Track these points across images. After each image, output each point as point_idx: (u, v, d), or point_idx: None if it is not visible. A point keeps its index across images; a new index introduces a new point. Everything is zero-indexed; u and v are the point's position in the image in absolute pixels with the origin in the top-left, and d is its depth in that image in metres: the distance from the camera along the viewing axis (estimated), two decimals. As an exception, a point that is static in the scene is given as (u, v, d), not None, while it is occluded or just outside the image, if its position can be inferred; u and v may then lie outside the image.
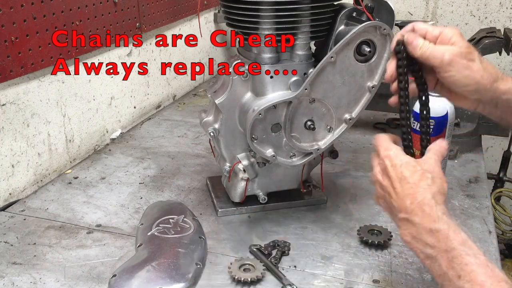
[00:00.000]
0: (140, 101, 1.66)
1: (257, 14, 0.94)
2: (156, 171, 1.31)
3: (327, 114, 0.99)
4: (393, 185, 0.71)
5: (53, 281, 0.89)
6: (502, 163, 1.88)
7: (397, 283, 0.90)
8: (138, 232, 1.01)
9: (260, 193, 1.09)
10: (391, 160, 0.72)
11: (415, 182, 0.70)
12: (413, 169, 0.71)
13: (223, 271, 0.92)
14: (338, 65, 0.94)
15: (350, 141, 1.49)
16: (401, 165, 0.71)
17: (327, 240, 1.03)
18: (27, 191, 1.22)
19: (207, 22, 2.07)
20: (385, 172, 0.72)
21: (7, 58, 1.09)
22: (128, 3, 1.48)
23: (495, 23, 2.14)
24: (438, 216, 0.67)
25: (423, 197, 0.69)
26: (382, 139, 0.76)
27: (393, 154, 0.72)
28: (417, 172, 0.71)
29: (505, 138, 1.99)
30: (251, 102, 0.99)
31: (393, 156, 0.72)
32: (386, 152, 0.73)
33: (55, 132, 1.29)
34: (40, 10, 1.16)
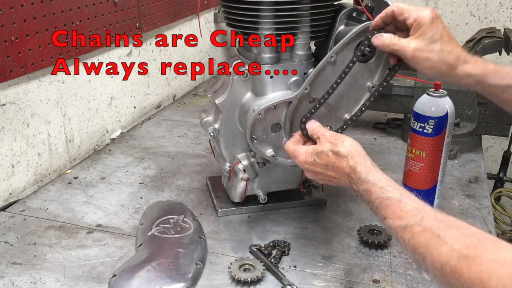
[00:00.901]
0: (140, 101, 1.66)
1: (257, 14, 0.94)
2: (156, 171, 1.31)
3: (327, 114, 0.99)
4: (327, 173, 0.85)
5: (53, 281, 0.89)
6: (502, 163, 1.88)
7: (397, 283, 0.90)
8: (138, 232, 1.01)
9: (260, 193, 1.09)
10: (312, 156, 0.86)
11: (336, 164, 0.83)
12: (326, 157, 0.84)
13: (223, 271, 0.92)
14: (338, 65, 0.94)
15: (350, 141, 1.49)
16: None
17: (327, 240, 1.03)
18: (27, 191, 1.22)
19: (207, 22, 2.07)
20: (314, 164, 0.86)
21: (7, 58, 1.09)
22: (128, 3, 1.48)
23: (495, 23, 2.14)
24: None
25: (348, 166, 0.81)
26: (294, 149, 0.89)
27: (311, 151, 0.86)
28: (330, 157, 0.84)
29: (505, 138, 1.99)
30: (251, 102, 0.99)
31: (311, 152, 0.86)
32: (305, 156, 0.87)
33: (55, 132, 1.29)
34: (40, 10, 1.16)
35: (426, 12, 0.84)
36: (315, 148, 0.85)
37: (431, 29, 0.83)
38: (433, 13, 0.84)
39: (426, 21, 0.83)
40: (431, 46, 0.83)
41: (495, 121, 1.44)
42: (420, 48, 0.84)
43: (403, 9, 0.86)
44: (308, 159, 0.86)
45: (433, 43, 0.83)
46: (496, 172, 1.86)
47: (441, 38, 0.84)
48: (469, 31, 2.10)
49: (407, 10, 0.86)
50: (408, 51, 0.84)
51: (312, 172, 0.87)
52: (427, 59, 0.84)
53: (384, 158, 0.85)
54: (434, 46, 0.83)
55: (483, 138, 1.49)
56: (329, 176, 0.84)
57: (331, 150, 0.83)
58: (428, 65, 0.85)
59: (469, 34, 1.88)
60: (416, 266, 0.88)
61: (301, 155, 0.87)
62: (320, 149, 0.84)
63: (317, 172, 0.86)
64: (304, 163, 0.86)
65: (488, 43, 1.45)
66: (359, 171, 0.78)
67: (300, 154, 0.87)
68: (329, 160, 0.83)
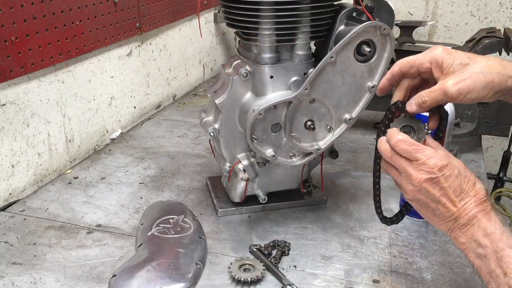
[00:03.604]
0: (140, 101, 1.66)
1: (257, 14, 0.94)
2: (156, 171, 1.31)
3: (327, 114, 0.99)
4: (450, 197, 0.73)
5: (53, 281, 0.89)
6: (502, 163, 1.88)
7: (397, 283, 0.90)
8: (138, 232, 1.01)
9: (260, 193, 1.09)
10: (443, 170, 0.73)
11: (474, 194, 0.73)
12: (465, 180, 0.74)
13: (223, 271, 0.92)
14: (338, 65, 0.94)
15: (350, 141, 1.49)
16: (456, 176, 0.73)
17: (327, 240, 1.03)
18: (27, 191, 1.22)
19: (207, 22, 2.07)
20: (436, 181, 0.73)
21: (7, 58, 1.09)
22: (128, 3, 1.48)
23: (495, 23, 2.14)
24: (495, 221, 0.72)
25: (483, 209, 0.73)
26: (411, 143, 0.75)
27: (444, 164, 0.73)
28: (470, 182, 0.74)
29: (505, 138, 1.99)
30: (251, 102, 0.99)
31: (443, 166, 0.73)
32: (435, 161, 0.73)
33: (55, 132, 1.29)
34: (40, 10, 1.16)
35: (437, 50, 0.76)
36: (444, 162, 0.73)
37: (453, 58, 0.75)
38: (441, 46, 0.77)
39: (442, 55, 0.75)
40: (467, 69, 0.73)
41: (495, 121, 1.44)
42: (458, 77, 0.73)
43: (410, 61, 0.79)
44: (434, 168, 0.73)
45: (466, 66, 0.73)
46: (496, 172, 1.86)
47: (468, 57, 0.74)
48: (469, 31, 2.10)
49: (415, 59, 0.78)
50: (449, 87, 0.73)
51: (425, 191, 0.74)
52: (473, 81, 0.72)
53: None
54: (469, 67, 0.73)
55: (483, 138, 1.49)
56: (438, 203, 0.74)
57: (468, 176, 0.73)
58: (480, 87, 0.73)
59: (469, 34, 1.88)
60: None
61: (428, 156, 0.73)
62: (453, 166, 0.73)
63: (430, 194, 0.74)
64: (438, 170, 0.73)
65: (488, 43, 1.45)
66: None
67: (424, 154, 0.74)
68: (461, 186, 0.73)
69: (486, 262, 0.70)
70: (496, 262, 0.68)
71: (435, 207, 0.75)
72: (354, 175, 1.29)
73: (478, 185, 0.74)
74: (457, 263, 0.95)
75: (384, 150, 0.78)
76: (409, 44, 1.67)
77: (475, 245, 0.71)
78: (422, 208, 0.77)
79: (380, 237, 1.03)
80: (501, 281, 0.67)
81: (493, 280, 0.69)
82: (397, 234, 1.05)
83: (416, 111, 0.78)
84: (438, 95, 0.75)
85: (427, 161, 0.73)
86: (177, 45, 1.85)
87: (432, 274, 0.92)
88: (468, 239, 0.73)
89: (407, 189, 0.76)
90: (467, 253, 0.73)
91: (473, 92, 0.73)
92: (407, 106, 0.79)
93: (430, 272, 0.93)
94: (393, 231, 1.05)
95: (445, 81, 0.74)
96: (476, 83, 0.73)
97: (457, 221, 0.73)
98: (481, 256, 0.71)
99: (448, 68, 0.75)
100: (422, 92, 0.77)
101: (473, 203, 0.72)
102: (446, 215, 0.74)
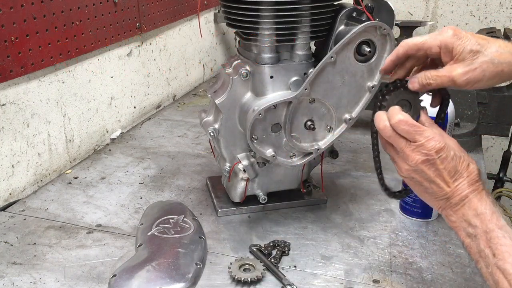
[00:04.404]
0: (140, 101, 1.66)
1: (257, 14, 0.94)
2: (156, 171, 1.31)
3: (327, 114, 0.99)
4: (445, 178, 0.74)
5: (53, 281, 0.89)
6: (502, 163, 1.88)
7: (397, 283, 0.90)
8: (138, 232, 1.01)
9: (260, 193, 1.09)
10: (440, 153, 0.73)
11: (467, 175, 0.74)
12: (459, 160, 0.74)
13: (223, 271, 0.92)
14: (338, 65, 0.94)
15: (350, 141, 1.49)
16: (452, 158, 0.73)
17: (327, 240, 1.03)
18: (27, 191, 1.22)
19: (207, 22, 2.07)
20: (432, 163, 0.73)
21: (7, 58, 1.09)
22: (128, 3, 1.48)
23: (495, 23, 2.14)
24: (486, 202, 0.72)
25: (475, 189, 0.73)
26: (411, 123, 0.74)
27: (441, 146, 0.73)
28: (464, 163, 0.74)
29: (505, 138, 1.99)
30: (251, 102, 0.99)
31: (440, 148, 0.73)
32: (433, 144, 0.73)
33: (55, 132, 1.29)
34: (40, 10, 1.16)
35: (447, 33, 0.74)
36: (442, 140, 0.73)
37: (464, 44, 0.73)
38: (451, 28, 0.74)
39: (451, 40, 0.73)
40: (478, 58, 0.72)
41: (495, 121, 1.44)
42: (468, 67, 0.72)
43: (417, 43, 0.76)
44: (435, 144, 0.72)
45: (477, 53, 0.72)
46: (496, 172, 1.86)
47: (478, 44, 0.73)
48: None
49: (423, 42, 0.76)
50: (458, 76, 0.72)
51: (421, 171, 0.74)
52: (483, 71, 0.72)
53: (384, 158, 0.85)
54: (479, 56, 0.72)
55: (483, 138, 1.49)
56: (432, 183, 0.74)
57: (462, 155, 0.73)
58: (488, 77, 0.73)
59: (469, 34, 1.88)
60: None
61: (427, 138, 0.73)
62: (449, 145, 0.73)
63: (424, 173, 0.74)
64: (435, 152, 0.72)
65: (488, 43, 1.45)
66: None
67: (424, 136, 0.73)
68: (456, 165, 0.73)
69: (476, 241, 0.71)
70: (486, 243, 0.69)
71: (429, 186, 0.75)
72: (354, 175, 1.29)
73: (471, 166, 0.74)
74: (457, 263, 0.95)
75: (383, 128, 0.76)
76: (409, 44, 1.66)
77: (466, 225, 0.72)
78: (415, 185, 0.78)
79: (380, 237, 1.03)
80: (490, 262, 0.68)
81: (482, 260, 0.70)
82: (397, 234, 1.05)
83: (418, 90, 0.78)
84: (445, 81, 0.74)
85: (426, 143, 0.73)
86: (177, 45, 1.85)
87: (432, 274, 0.92)
88: (459, 218, 0.73)
89: (402, 168, 0.77)
90: (458, 231, 0.74)
91: (481, 81, 0.73)
92: (409, 84, 0.78)
93: (430, 272, 0.93)
94: (393, 231, 1.05)
95: (454, 68, 0.73)
96: (486, 72, 0.72)
97: (449, 200, 0.74)
98: (471, 236, 0.71)
99: (458, 55, 0.73)
100: (427, 73, 0.76)
101: (466, 184, 0.73)
102: (439, 194, 0.75)
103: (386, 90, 0.80)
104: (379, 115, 0.78)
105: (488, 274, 0.69)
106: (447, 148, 0.73)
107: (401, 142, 0.75)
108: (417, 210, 1.08)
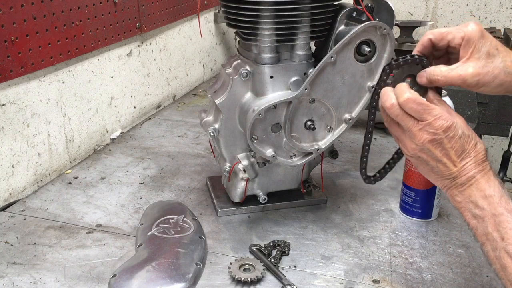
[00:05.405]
0: (140, 101, 1.66)
1: (257, 14, 0.94)
2: (156, 171, 1.31)
3: (327, 114, 0.99)
4: (451, 157, 0.73)
5: (53, 281, 0.89)
6: (502, 163, 1.88)
7: (397, 283, 0.90)
8: (138, 232, 1.01)
9: (260, 193, 1.09)
10: (448, 132, 0.72)
11: (475, 155, 0.73)
12: (468, 139, 0.73)
13: (223, 271, 0.92)
14: (338, 65, 0.94)
15: (350, 141, 1.49)
16: (460, 137, 0.72)
17: (327, 240, 1.03)
18: (27, 191, 1.22)
19: (207, 22, 2.07)
20: (439, 141, 0.72)
21: (7, 58, 1.09)
22: (128, 3, 1.48)
23: (495, 23, 2.14)
24: (494, 183, 0.72)
25: (482, 169, 0.72)
26: (420, 101, 0.73)
27: (449, 125, 0.72)
28: (471, 142, 0.73)
29: (505, 138, 1.99)
30: (251, 102, 0.99)
31: (448, 127, 0.72)
32: (441, 122, 0.72)
33: (55, 132, 1.29)
34: (40, 10, 1.16)
35: (472, 26, 0.73)
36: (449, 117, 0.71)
37: (484, 44, 0.72)
38: (478, 25, 0.73)
39: (475, 36, 0.72)
40: (492, 62, 0.72)
41: (495, 121, 1.44)
42: (481, 68, 0.72)
43: (442, 32, 0.76)
44: (442, 123, 0.71)
45: (492, 58, 0.72)
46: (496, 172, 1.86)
47: (497, 49, 0.73)
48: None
49: (448, 32, 0.75)
50: (469, 76, 0.72)
51: (427, 150, 0.73)
52: (494, 77, 0.72)
53: (384, 158, 0.85)
54: (495, 60, 0.72)
55: (483, 138, 1.49)
56: (439, 162, 0.73)
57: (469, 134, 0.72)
58: (496, 84, 0.73)
59: (469, 34, 1.88)
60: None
61: (435, 117, 0.71)
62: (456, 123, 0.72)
63: (431, 152, 0.73)
64: (443, 131, 0.71)
65: (488, 43, 1.45)
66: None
67: (432, 114, 0.72)
68: (463, 143, 0.72)
69: (484, 224, 0.70)
70: (494, 226, 0.68)
71: (435, 165, 0.74)
72: (354, 175, 1.29)
73: (479, 145, 0.73)
74: (457, 263, 0.95)
75: (390, 107, 0.74)
76: (409, 44, 1.67)
77: (472, 206, 0.71)
78: (421, 164, 0.76)
79: (380, 237, 1.03)
80: (498, 245, 0.68)
81: (489, 243, 0.69)
82: (397, 234, 1.05)
83: (425, 85, 0.77)
84: (454, 79, 0.74)
85: (433, 122, 0.72)
86: (177, 45, 1.85)
87: (432, 274, 0.92)
88: (465, 199, 0.72)
89: (408, 147, 0.75)
90: (463, 212, 0.73)
91: (489, 86, 0.73)
92: (417, 78, 0.77)
93: (430, 272, 0.93)
94: (393, 231, 1.06)
95: (466, 67, 0.73)
96: (496, 79, 0.73)
97: (455, 180, 0.73)
98: (477, 217, 0.71)
99: (475, 53, 0.73)
100: (437, 68, 0.75)
101: (473, 164, 0.72)
102: (445, 174, 0.74)
103: (396, 64, 0.77)
104: (386, 93, 0.75)
105: (495, 258, 0.68)
106: (454, 127, 0.72)
107: (409, 121, 0.73)
108: (417, 210, 1.08)
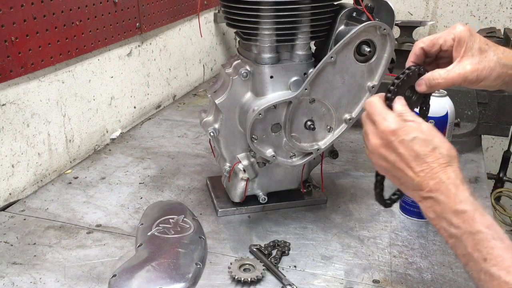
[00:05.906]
0: (140, 101, 1.66)
1: (257, 14, 0.94)
2: (156, 171, 1.31)
3: (327, 114, 0.99)
4: (408, 164, 0.69)
5: (53, 281, 0.89)
6: (502, 163, 1.88)
7: (397, 283, 0.90)
8: (138, 232, 1.01)
9: (260, 193, 1.09)
10: (396, 135, 0.69)
11: (432, 160, 0.68)
12: (424, 143, 0.68)
13: (223, 271, 0.92)
14: (338, 65, 0.94)
15: (350, 141, 1.49)
16: (411, 141, 0.68)
17: (327, 240, 1.03)
18: (27, 191, 1.22)
19: (207, 22, 2.07)
20: (390, 146, 0.70)
21: (7, 58, 1.09)
22: (128, 3, 1.48)
23: (495, 23, 2.14)
24: (465, 196, 0.66)
25: (447, 176, 0.67)
26: (375, 105, 0.72)
27: (396, 128, 0.69)
28: (428, 147, 0.68)
29: (505, 138, 1.99)
30: (251, 102, 0.99)
31: (397, 129, 0.69)
32: (387, 124, 0.70)
33: (55, 132, 1.29)
34: (40, 10, 1.16)
35: (460, 27, 0.75)
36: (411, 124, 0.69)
37: (474, 41, 0.74)
38: (465, 26, 0.76)
39: (465, 35, 0.74)
40: (486, 57, 0.74)
41: (495, 121, 1.44)
42: (477, 64, 0.74)
43: (432, 39, 0.77)
44: (396, 126, 0.69)
45: (485, 52, 0.74)
46: (496, 172, 1.86)
47: (487, 44, 0.75)
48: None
49: (438, 37, 0.77)
50: (468, 73, 0.73)
51: (383, 156, 0.71)
52: (491, 70, 0.74)
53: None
54: (488, 55, 0.74)
55: (483, 138, 1.49)
56: (397, 169, 0.70)
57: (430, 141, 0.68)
58: (494, 76, 0.74)
59: (469, 34, 1.88)
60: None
61: (383, 119, 0.70)
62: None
63: (388, 157, 0.70)
64: (390, 134, 0.69)
65: (488, 43, 1.45)
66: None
67: (381, 116, 0.70)
68: (425, 151, 0.67)
69: (461, 244, 0.64)
70: (473, 246, 0.63)
71: (398, 175, 0.70)
72: (354, 175, 1.29)
73: (440, 150, 0.68)
74: (457, 263, 0.95)
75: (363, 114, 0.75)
76: (409, 44, 1.67)
77: (446, 224, 0.66)
78: (388, 175, 0.74)
79: (380, 237, 1.03)
80: (481, 267, 0.62)
81: (472, 264, 0.63)
82: (397, 234, 1.05)
83: (425, 92, 0.77)
84: (455, 79, 0.74)
85: (380, 124, 0.70)
86: (177, 45, 1.85)
87: (432, 274, 0.92)
88: (438, 216, 0.67)
89: (369, 156, 0.74)
90: (439, 230, 0.68)
91: (488, 80, 0.74)
92: (416, 86, 0.77)
93: (430, 272, 0.93)
94: (393, 231, 1.06)
95: (464, 65, 0.74)
96: (493, 72, 0.74)
97: (420, 191, 0.68)
98: (453, 236, 0.65)
99: (468, 51, 0.74)
100: (435, 73, 0.75)
101: (431, 170, 0.67)
102: (408, 183, 0.69)
103: (401, 81, 0.76)
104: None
105: (480, 281, 0.62)
106: (405, 130, 0.68)
107: (367, 125, 0.73)
108: (417, 210, 1.08)
